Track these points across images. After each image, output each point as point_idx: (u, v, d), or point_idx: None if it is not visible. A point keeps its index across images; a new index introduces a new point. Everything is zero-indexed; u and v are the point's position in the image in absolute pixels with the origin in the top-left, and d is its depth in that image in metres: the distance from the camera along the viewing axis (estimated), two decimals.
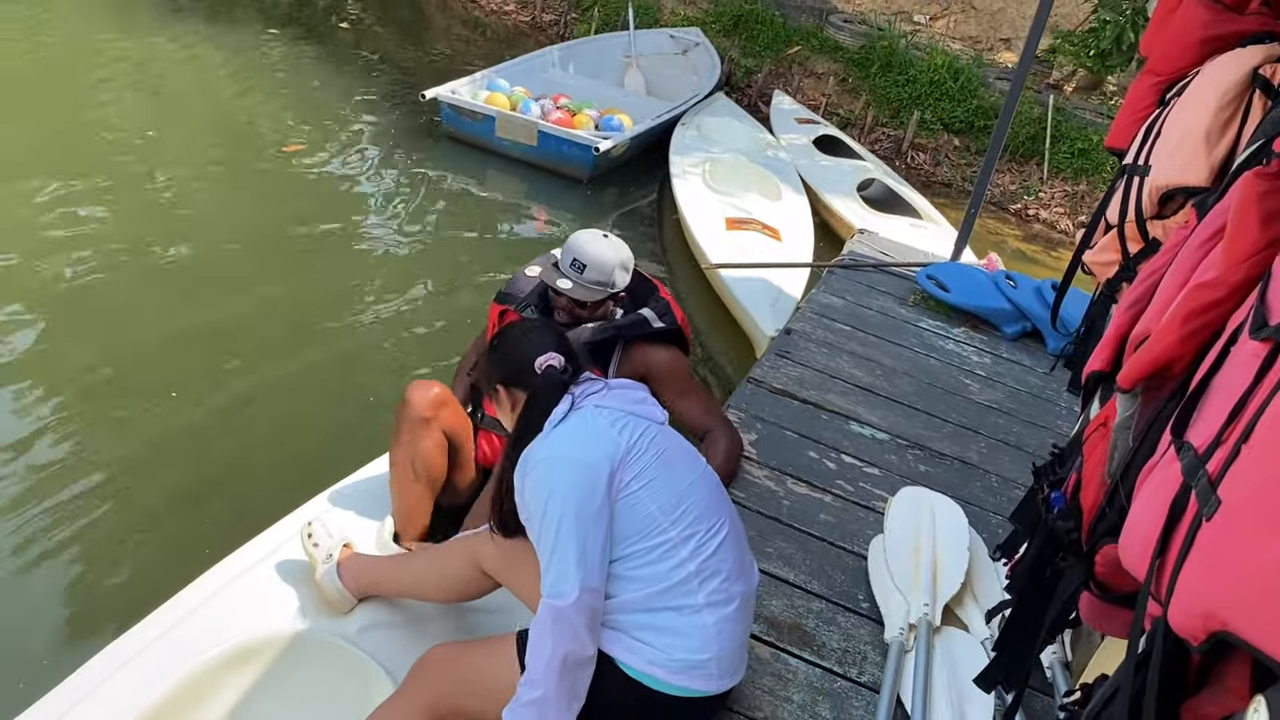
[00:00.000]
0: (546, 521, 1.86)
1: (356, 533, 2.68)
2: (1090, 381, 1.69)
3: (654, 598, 1.87)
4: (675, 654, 1.85)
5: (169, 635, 2.23)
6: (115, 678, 2.10)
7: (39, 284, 4.60)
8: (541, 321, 2.29)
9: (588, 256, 2.83)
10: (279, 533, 2.64)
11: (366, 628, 2.37)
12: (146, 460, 3.67)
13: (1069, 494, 1.64)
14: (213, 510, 3.46)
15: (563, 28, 11.63)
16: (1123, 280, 2.25)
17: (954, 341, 4.36)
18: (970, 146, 9.44)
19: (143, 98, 7.36)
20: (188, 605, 2.33)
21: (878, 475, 3.21)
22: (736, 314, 5.31)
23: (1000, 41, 11.05)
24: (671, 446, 2.03)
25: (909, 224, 6.75)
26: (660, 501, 1.91)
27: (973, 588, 2.66)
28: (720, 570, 1.93)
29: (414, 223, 6.25)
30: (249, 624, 2.32)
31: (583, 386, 2.06)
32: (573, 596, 1.78)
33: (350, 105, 8.11)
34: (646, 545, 1.89)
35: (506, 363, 2.14)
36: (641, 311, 2.94)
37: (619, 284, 2.89)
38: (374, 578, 2.38)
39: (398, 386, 4.33)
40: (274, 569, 2.50)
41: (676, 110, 8.26)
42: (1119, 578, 1.45)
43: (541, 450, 1.95)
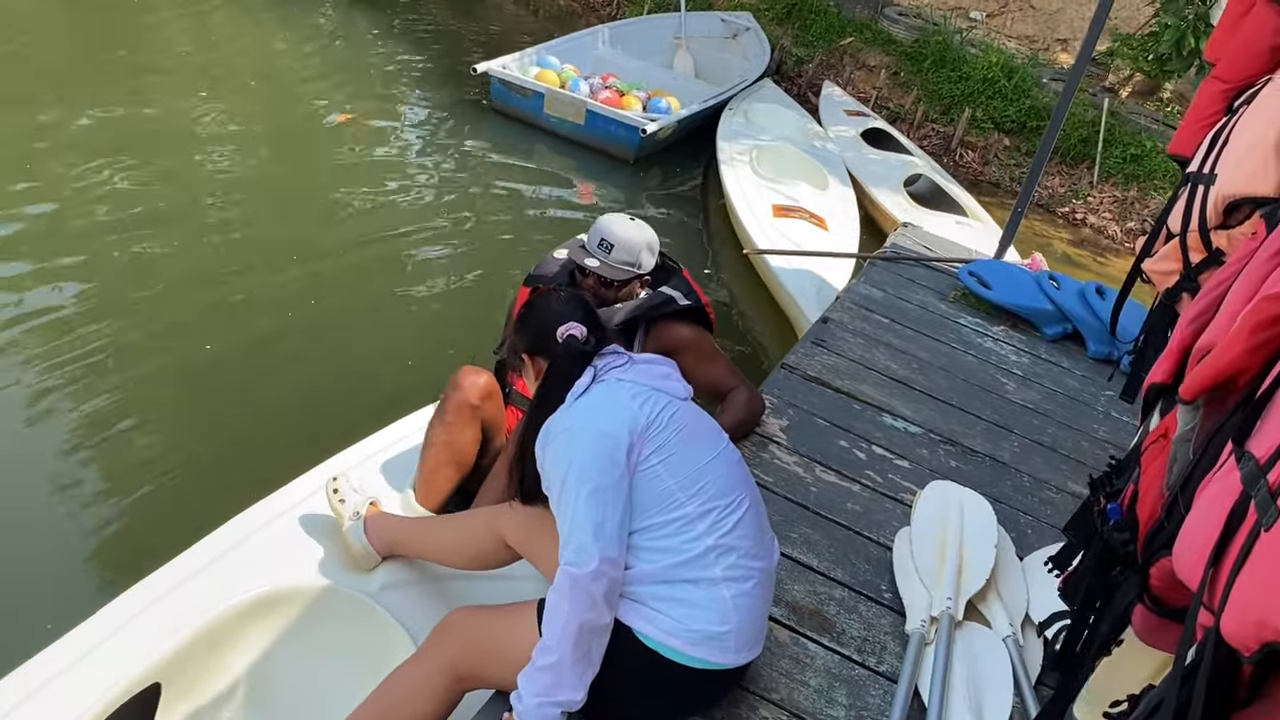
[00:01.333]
0: (566, 491, 1.87)
1: (380, 490, 2.71)
2: (1151, 393, 1.66)
3: (671, 570, 1.88)
4: (693, 625, 1.86)
5: (194, 580, 2.26)
6: (139, 619, 2.13)
7: (88, 242, 4.69)
8: (569, 293, 2.29)
9: (615, 237, 2.87)
10: (305, 485, 2.66)
11: (389, 585, 2.39)
12: (178, 409, 3.77)
13: (1125, 506, 1.62)
14: (241, 460, 3.54)
15: (615, 8, 11.61)
16: (1183, 290, 2.21)
17: (992, 339, 4.31)
18: (1021, 147, 9.33)
19: (196, 61, 7.44)
20: (212, 552, 2.35)
21: (907, 468, 3.19)
22: (781, 300, 5.31)
23: (1057, 42, 10.90)
24: (692, 423, 2.03)
25: (955, 221, 6.69)
26: (678, 476, 1.92)
27: (997, 585, 2.63)
28: (738, 546, 1.93)
29: (459, 195, 6.29)
30: (273, 574, 2.35)
31: (606, 359, 2.07)
32: (591, 565, 1.79)
33: (401, 76, 8.16)
34: (664, 519, 1.90)
35: (531, 330, 2.16)
36: (665, 290, 2.97)
37: (645, 265, 2.92)
38: (397, 537, 2.41)
39: (430, 352, 4.45)
40: (300, 521, 2.52)
41: (724, 95, 8.23)
42: (1174, 591, 1.42)
43: (563, 421, 1.96)
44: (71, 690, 1.96)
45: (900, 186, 7.15)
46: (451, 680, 1.98)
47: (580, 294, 2.33)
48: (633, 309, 2.90)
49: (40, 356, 3.84)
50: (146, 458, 3.50)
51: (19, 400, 3.62)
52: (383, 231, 5.51)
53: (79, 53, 7.03)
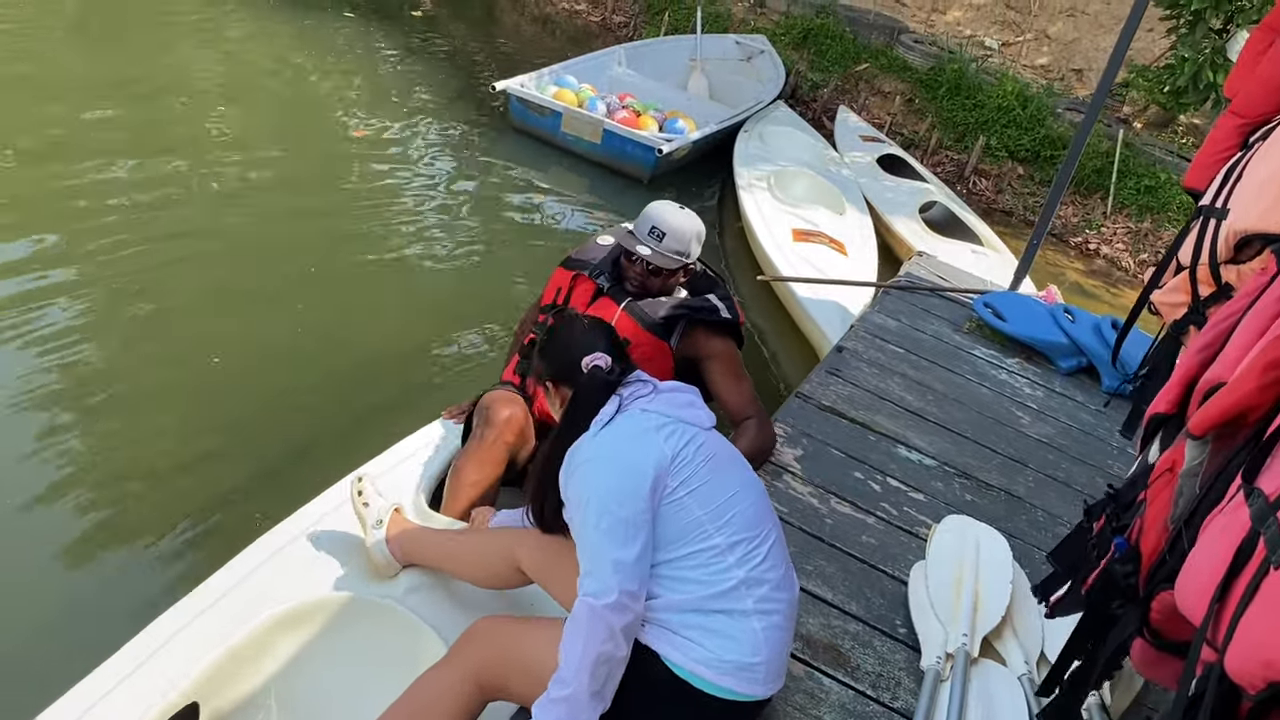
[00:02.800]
0: (587, 523, 1.87)
1: (403, 497, 2.73)
2: (1152, 423, 1.67)
3: (704, 600, 1.87)
4: (726, 655, 1.84)
5: (224, 601, 2.28)
6: (174, 642, 2.15)
7: (103, 252, 4.70)
8: (592, 320, 2.29)
9: (667, 225, 2.88)
10: (326, 501, 2.68)
11: (414, 589, 2.41)
12: (200, 429, 3.75)
13: (1131, 539, 1.62)
14: (261, 480, 3.54)
15: (632, 30, 11.69)
16: (1190, 323, 2.21)
17: (1007, 372, 4.31)
18: (1034, 176, 9.34)
19: (215, 75, 7.50)
20: (238, 573, 2.37)
21: (922, 501, 3.18)
22: (804, 325, 5.32)
23: (1072, 72, 10.92)
24: (719, 453, 2.03)
25: (970, 250, 6.69)
26: (706, 508, 1.91)
27: (1013, 622, 2.62)
28: (768, 579, 1.93)
29: (475, 211, 6.32)
30: (301, 588, 2.36)
31: (631, 389, 2.07)
32: (610, 598, 1.78)
33: (419, 93, 8.21)
34: (693, 549, 1.89)
35: (555, 359, 2.16)
36: (711, 298, 3.00)
37: (693, 255, 2.95)
38: (418, 548, 2.43)
39: (443, 367, 4.47)
40: (324, 535, 2.55)
41: (738, 117, 8.27)
42: (1174, 625, 1.42)
43: (586, 451, 1.96)
44: (113, 715, 1.97)
45: (915, 214, 7.16)
46: (475, 688, 1.97)
47: (604, 322, 2.33)
48: (677, 307, 2.93)
49: (59, 378, 3.83)
50: (172, 482, 3.51)
51: (39, 427, 3.61)
52: (399, 246, 5.53)
53: (95, 68, 7.07)
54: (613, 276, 3.02)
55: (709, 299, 3.00)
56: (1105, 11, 11.09)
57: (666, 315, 2.92)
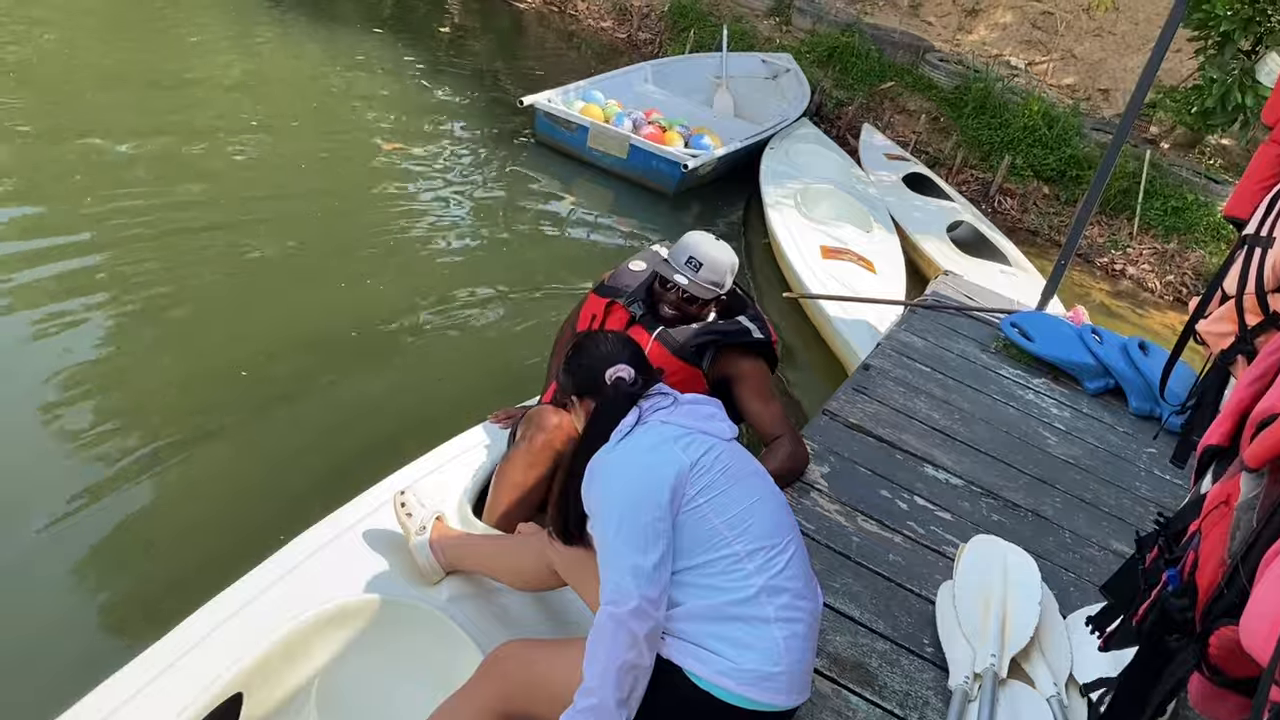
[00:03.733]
0: (607, 530, 1.89)
1: (444, 505, 2.75)
2: (1206, 455, 1.65)
3: (723, 608, 1.87)
4: (746, 665, 1.84)
5: (268, 594, 2.31)
6: (220, 631, 2.17)
7: (132, 262, 4.76)
8: (616, 335, 2.31)
9: (704, 256, 2.92)
10: (370, 500, 2.71)
11: (456, 597, 2.44)
12: (246, 430, 3.83)
13: (1185, 572, 1.60)
14: (306, 478, 3.61)
15: (657, 47, 11.74)
16: (1238, 353, 2.19)
17: (1034, 392, 4.29)
18: (1060, 196, 9.32)
19: (246, 89, 7.57)
20: (284, 567, 2.40)
21: (949, 520, 3.18)
22: (833, 343, 5.32)
23: (1098, 92, 10.90)
24: (738, 464, 2.04)
25: (999, 270, 6.69)
26: (724, 516, 1.92)
27: (1041, 643, 2.61)
28: (789, 587, 1.93)
29: (502, 224, 6.36)
30: (344, 587, 2.39)
31: (652, 400, 2.08)
32: (630, 604, 1.79)
33: (447, 107, 8.28)
34: (712, 557, 1.90)
35: (580, 373, 2.19)
36: (742, 320, 3.02)
37: (726, 285, 2.99)
38: (460, 553, 2.46)
39: (474, 373, 4.52)
40: (367, 535, 2.57)
41: (763, 134, 8.30)
42: (1234, 662, 1.40)
43: (606, 461, 1.98)
44: (161, 699, 2.00)
45: (944, 233, 7.15)
46: (500, 716, 1.99)
47: (628, 337, 2.35)
48: (709, 331, 2.95)
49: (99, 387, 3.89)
50: (216, 477, 3.58)
51: (82, 425, 3.67)
52: (427, 258, 5.58)
53: (126, 82, 7.15)
54: (646, 304, 3.05)
55: (739, 320, 3.02)
56: (1133, 32, 11.07)
57: (698, 342, 2.94)
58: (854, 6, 12.01)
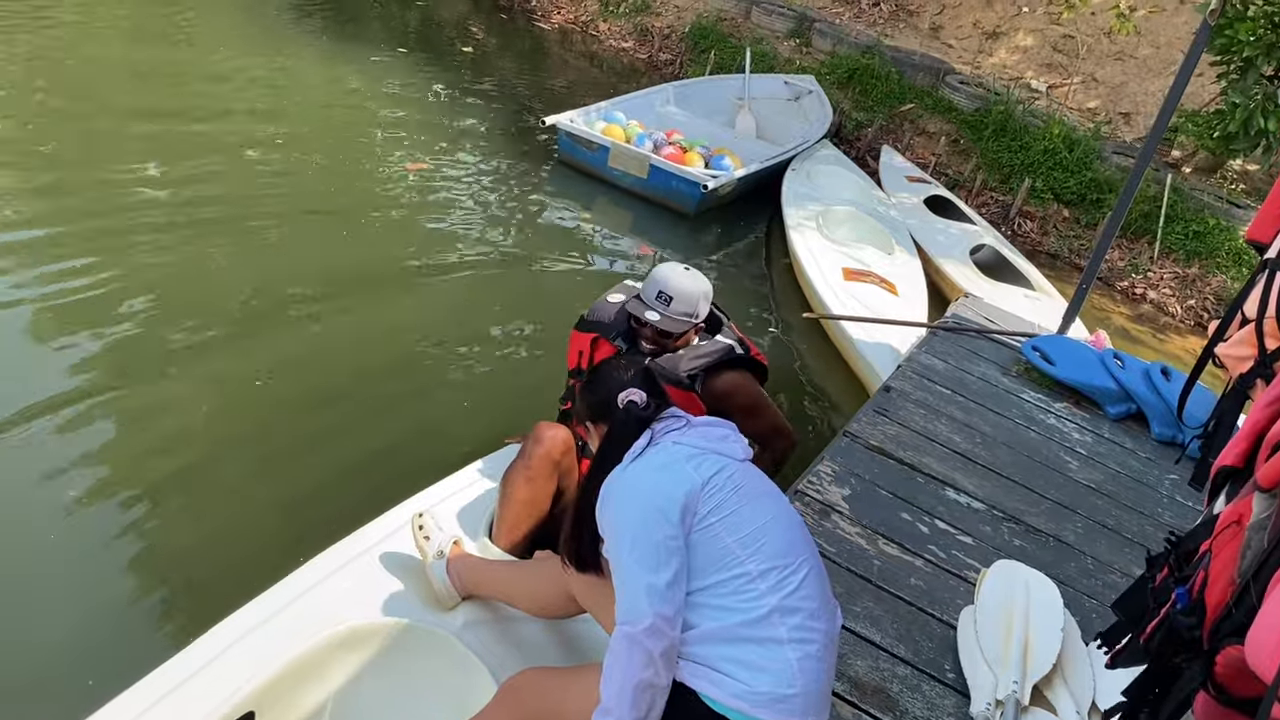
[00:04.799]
0: (620, 549, 1.90)
1: (459, 529, 2.77)
2: (1220, 476, 1.66)
3: (735, 629, 1.87)
4: (760, 687, 1.84)
5: (284, 613, 2.32)
6: (235, 649, 2.19)
7: (152, 274, 4.83)
8: (630, 360, 2.34)
9: (673, 290, 2.93)
10: (387, 523, 2.73)
11: (471, 623, 2.44)
12: (265, 449, 3.85)
13: (1194, 591, 1.61)
14: (326, 498, 3.63)
15: (678, 68, 11.79)
16: (1257, 377, 2.19)
17: (1055, 416, 4.28)
18: (1080, 219, 9.29)
19: (271, 109, 7.65)
20: (300, 587, 2.42)
21: (971, 544, 3.17)
22: (855, 365, 5.33)
23: (1119, 115, 10.87)
24: (750, 483, 2.04)
25: (1023, 294, 6.67)
26: (737, 535, 1.92)
27: (1064, 670, 2.60)
28: (802, 607, 1.92)
29: (524, 244, 6.40)
30: (359, 609, 2.40)
31: (664, 423, 2.10)
32: (645, 622, 1.80)
33: (470, 127, 8.34)
34: (725, 576, 1.90)
35: (594, 399, 2.21)
36: (722, 339, 3.06)
37: (701, 314, 3.00)
38: (477, 578, 2.48)
39: (492, 397, 4.54)
40: (384, 558, 2.59)
41: (784, 155, 8.32)
42: (1241, 681, 1.41)
43: (618, 481, 2.00)
44: (175, 715, 2.02)
45: (967, 257, 7.14)
46: None
47: (642, 360, 2.38)
48: (696, 357, 2.97)
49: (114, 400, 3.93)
50: (230, 497, 3.60)
51: (97, 440, 3.71)
52: (448, 278, 5.61)
53: (150, 99, 7.25)
54: (629, 339, 3.08)
55: (722, 340, 3.05)
56: (1154, 56, 11.05)
57: (688, 369, 2.96)
58: (874, 29, 12.03)
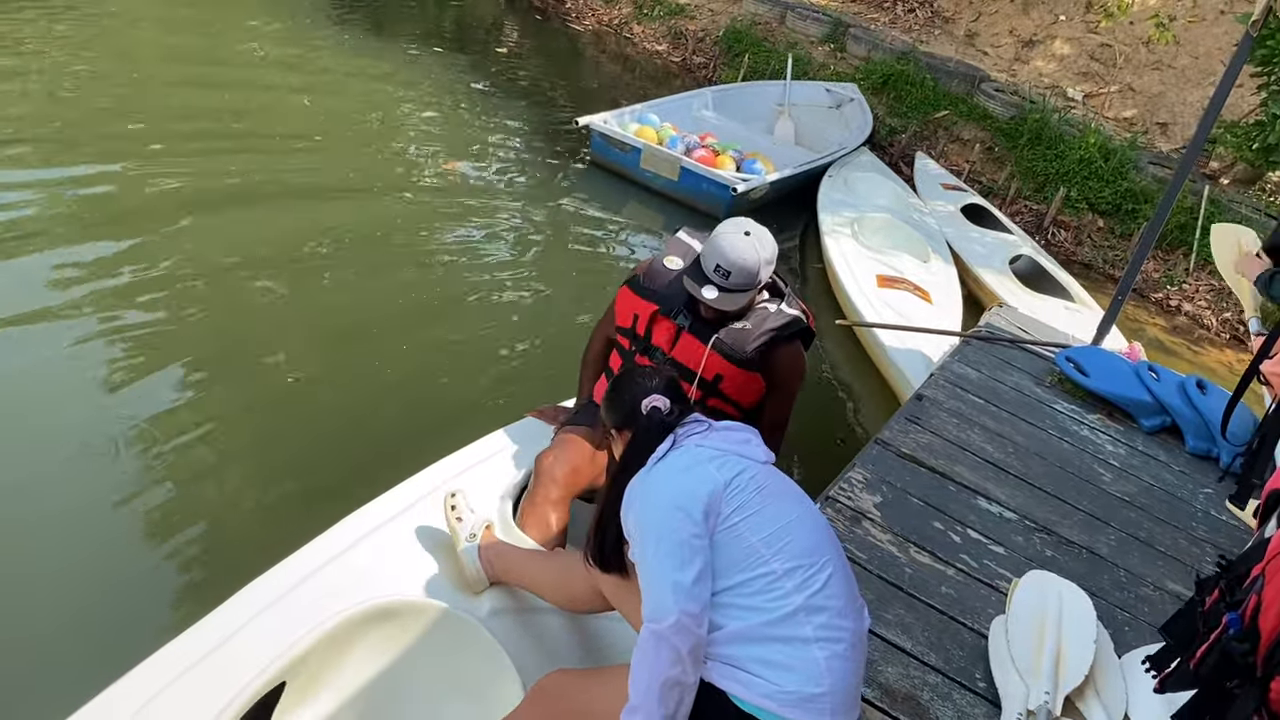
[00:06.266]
0: (645, 549, 1.91)
1: (487, 506, 2.77)
2: (1271, 499, 1.65)
3: (762, 628, 1.88)
4: (787, 686, 1.84)
5: (314, 580, 2.34)
6: (261, 618, 2.20)
7: (183, 269, 4.89)
8: (654, 369, 2.34)
9: (732, 263, 2.74)
10: (413, 489, 2.73)
11: (497, 611, 2.45)
12: (280, 416, 3.97)
13: (1247, 617, 1.59)
14: (350, 461, 3.74)
15: (711, 71, 11.80)
16: None
17: (1089, 428, 4.25)
18: (1115, 229, 9.22)
19: (308, 107, 7.73)
20: (329, 552, 2.42)
21: (1003, 554, 3.15)
22: (887, 372, 5.32)
23: (1156, 125, 10.78)
24: (774, 484, 2.05)
25: (1063, 306, 6.64)
26: (760, 534, 1.93)
27: (1096, 682, 2.58)
28: (828, 606, 1.92)
29: (553, 241, 6.46)
30: (389, 584, 2.41)
31: (687, 428, 2.12)
32: (670, 619, 1.81)
33: (503, 126, 8.39)
34: (750, 576, 1.91)
35: (619, 408, 2.23)
36: (794, 311, 2.92)
37: (763, 279, 2.84)
38: (507, 566, 2.49)
39: (516, 375, 4.69)
40: (416, 530, 2.60)
41: (819, 162, 8.31)
42: None
43: (642, 484, 2.02)
44: (210, 681, 2.04)
45: (1006, 267, 7.11)
46: None
47: (667, 369, 2.38)
48: (765, 331, 2.85)
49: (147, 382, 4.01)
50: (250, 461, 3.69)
51: (132, 414, 3.78)
52: (477, 271, 5.69)
53: (185, 93, 7.32)
54: (690, 311, 2.92)
55: (788, 312, 2.91)
56: (1193, 66, 10.95)
57: (756, 347, 2.84)
58: (909, 35, 12.00)
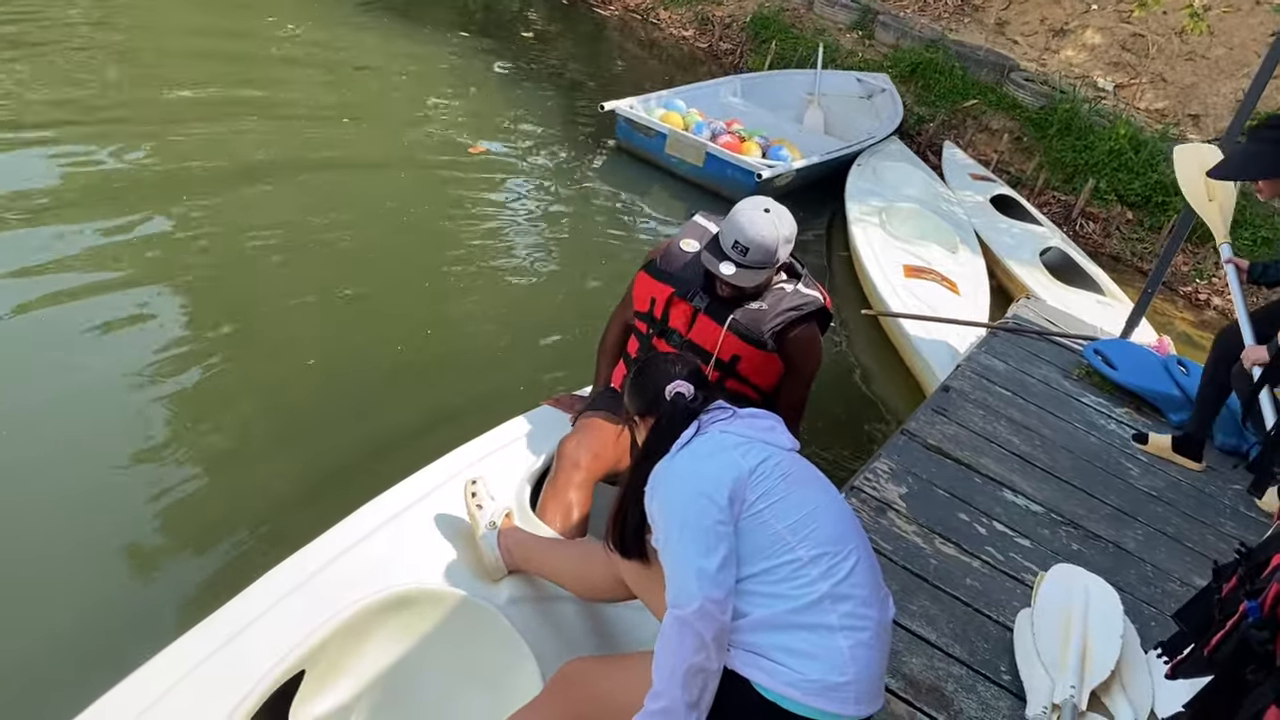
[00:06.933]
0: (669, 535, 1.90)
1: (505, 493, 2.77)
2: None
3: (786, 616, 1.87)
4: (811, 674, 1.83)
5: (333, 567, 2.34)
6: (282, 606, 2.21)
7: (208, 249, 4.91)
8: (678, 356, 2.32)
9: (750, 238, 2.71)
10: (432, 476, 2.74)
11: (516, 599, 2.44)
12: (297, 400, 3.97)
13: (1267, 605, 1.58)
14: (369, 448, 3.73)
15: (737, 58, 11.73)
16: None
17: (1116, 422, 4.22)
18: (1144, 222, 9.12)
19: (335, 90, 7.74)
20: (349, 540, 2.43)
21: (1029, 547, 3.14)
22: (911, 363, 5.29)
23: (1188, 117, 10.64)
24: (799, 471, 2.04)
25: (1095, 301, 6.57)
26: (786, 521, 1.92)
27: (1122, 677, 2.57)
28: (853, 594, 1.91)
29: (576, 226, 6.48)
30: (407, 571, 2.41)
31: (711, 414, 2.10)
32: (694, 605, 1.80)
33: (530, 111, 8.38)
34: (775, 563, 1.90)
35: (641, 394, 2.21)
36: (812, 292, 2.90)
37: (782, 258, 2.82)
38: (527, 554, 2.48)
39: (535, 360, 4.68)
40: (435, 518, 2.60)
41: (846, 150, 8.25)
42: None
43: (666, 470, 2.01)
44: (231, 668, 2.05)
45: (1036, 259, 7.05)
46: None
47: (690, 356, 2.36)
48: (782, 311, 2.83)
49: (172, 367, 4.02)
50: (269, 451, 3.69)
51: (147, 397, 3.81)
52: (498, 255, 5.70)
53: (210, 79, 7.32)
54: (707, 290, 2.91)
55: (806, 292, 2.88)
56: (1227, 57, 10.79)
57: (772, 328, 2.82)
58: (939, 23, 11.88)
